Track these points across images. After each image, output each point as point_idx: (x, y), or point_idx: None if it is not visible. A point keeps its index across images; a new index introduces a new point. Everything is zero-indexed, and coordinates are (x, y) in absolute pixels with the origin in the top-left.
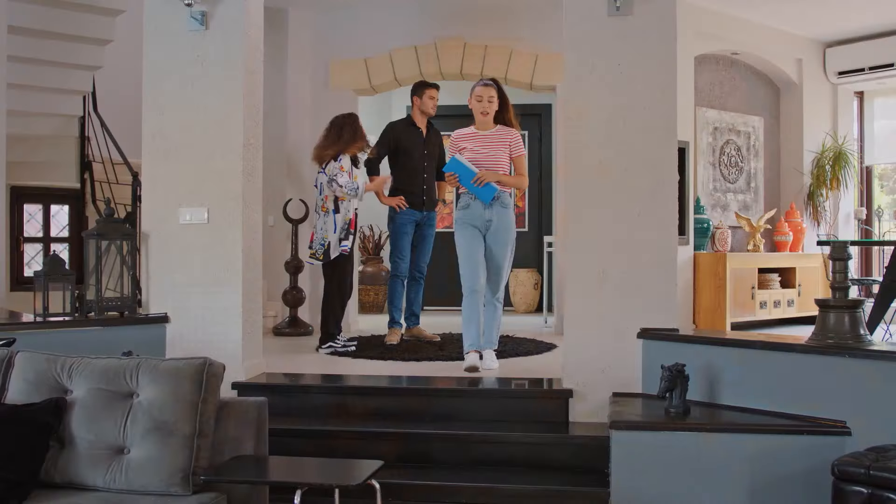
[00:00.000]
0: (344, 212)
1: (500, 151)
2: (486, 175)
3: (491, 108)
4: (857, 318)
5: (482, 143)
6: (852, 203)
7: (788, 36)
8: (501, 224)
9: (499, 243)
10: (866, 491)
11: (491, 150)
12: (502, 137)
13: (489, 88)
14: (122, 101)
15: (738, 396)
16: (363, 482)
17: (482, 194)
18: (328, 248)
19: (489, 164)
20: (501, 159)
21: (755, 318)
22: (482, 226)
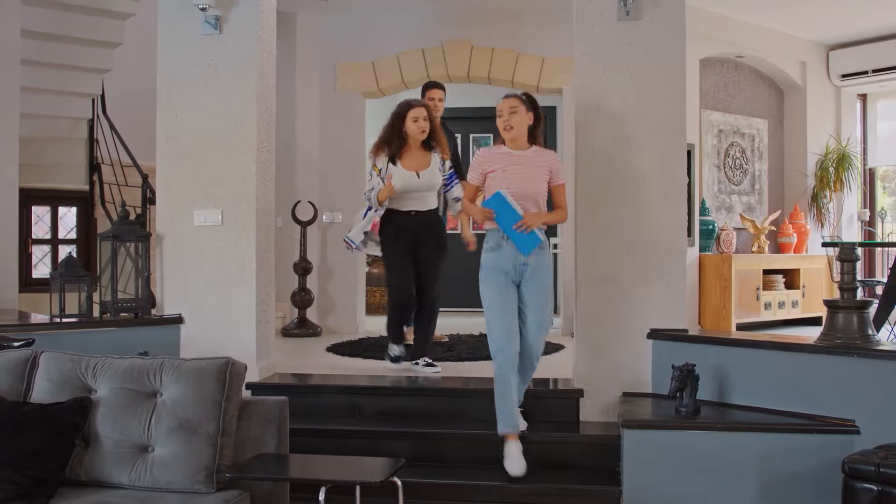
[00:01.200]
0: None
1: (540, 178)
2: (533, 219)
3: (514, 120)
4: (866, 318)
5: (518, 166)
6: (855, 205)
7: (792, 39)
8: (539, 267)
9: (538, 290)
10: (876, 488)
11: (529, 175)
12: (541, 161)
13: (508, 100)
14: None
15: (748, 396)
16: (386, 479)
17: (523, 244)
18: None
19: (528, 196)
20: (541, 189)
21: (760, 318)
22: (515, 272)
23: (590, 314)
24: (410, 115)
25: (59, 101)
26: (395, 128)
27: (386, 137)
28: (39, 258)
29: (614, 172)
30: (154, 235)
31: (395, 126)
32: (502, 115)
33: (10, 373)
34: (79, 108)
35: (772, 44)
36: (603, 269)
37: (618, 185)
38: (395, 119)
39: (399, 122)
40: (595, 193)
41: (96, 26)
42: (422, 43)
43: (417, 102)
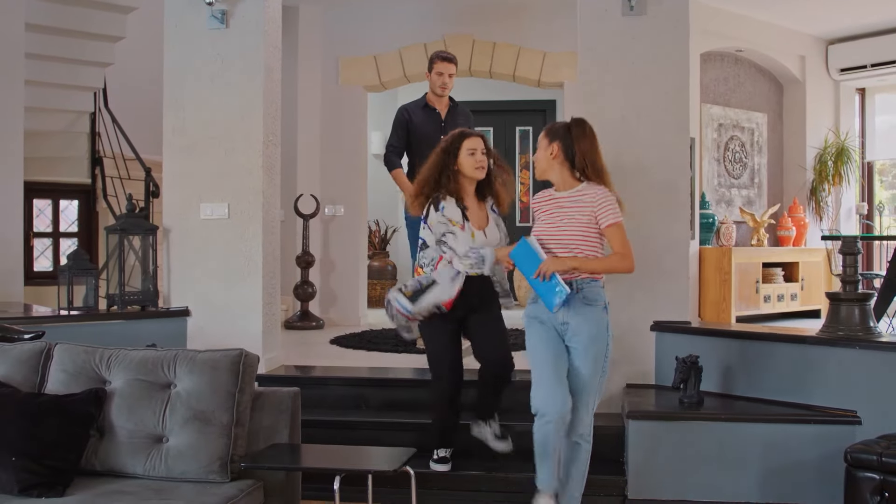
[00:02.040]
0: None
1: (578, 223)
2: (552, 264)
3: (537, 157)
4: (867, 310)
5: (558, 209)
6: (854, 198)
7: (792, 33)
8: (584, 328)
9: (579, 354)
10: (878, 477)
11: (565, 220)
12: (584, 201)
13: (541, 134)
14: (133, 98)
15: (751, 387)
16: (399, 468)
17: (545, 295)
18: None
19: (564, 243)
20: (581, 234)
21: (759, 311)
22: (556, 328)
23: None
24: (466, 146)
25: (62, 95)
26: (446, 164)
27: (434, 175)
28: (41, 251)
29: (618, 166)
30: (161, 228)
31: (445, 162)
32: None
33: (24, 365)
34: (81, 101)
35: (771, 38)
36: None
37: (621, 178)
38: (445, 152)
39: (451, 156)
40: None
41: (99, 20)
42: (423, 37)
43: (471, 132)
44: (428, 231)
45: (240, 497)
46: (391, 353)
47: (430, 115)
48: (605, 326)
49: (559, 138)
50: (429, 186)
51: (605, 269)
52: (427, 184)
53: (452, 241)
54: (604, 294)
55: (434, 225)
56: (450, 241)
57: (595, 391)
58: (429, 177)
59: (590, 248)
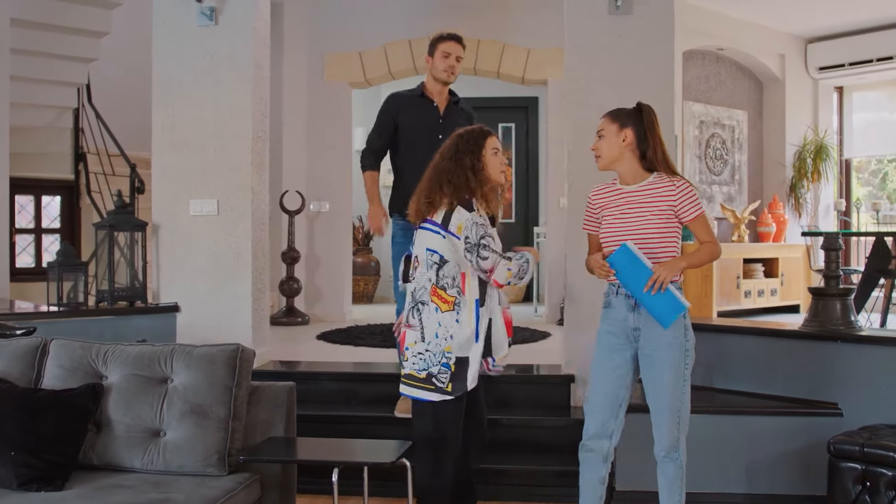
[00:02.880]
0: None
1: (657, 219)
2: (665, 270)
3: (602, 146)
4: (849, 305)
5: (625, 205)
6: (832, 195)
7: (772, 32)
8: (659, 334)
9: (654, 364)
10: (860, 467)
11: (639, 216)
12: (658, 195)
13: (601, 121)
14: (117, 94)
15: (736, 381)
16: (396, 460)
17: (662, 312)
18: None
19: (643, 245)
20: (661, 231)
21: (740, 306)
22: (627, 337)
23: (580, 301)
24: (490, 145)
25: (45, 91)
26: (472, 166)
27: (462, 179)
28: (23, 248)
29: None
30: (150, 225)
31: (472, 163)
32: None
33: (20, 360)
34: (64, 97)
35: (752, 37)
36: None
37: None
38: (466, 151)
39: (474, 155)
40: (586, 181)
41: (83, 15)
42: (409, 34)
43: (490, 130)
44: (449, 241)
45: (238, 490)
46: (378, 348)
47: (426, 109)
48: (683, 331)
49: (632, 124)
50: (453, 188)
51: (705, 261)
52: (452, 185)
53: (494, 245)
54: (678, 293)
55: (468, 227)
56: (492, 245)
57: (676, 402)
58: (453, 178)
59: (673, 244)
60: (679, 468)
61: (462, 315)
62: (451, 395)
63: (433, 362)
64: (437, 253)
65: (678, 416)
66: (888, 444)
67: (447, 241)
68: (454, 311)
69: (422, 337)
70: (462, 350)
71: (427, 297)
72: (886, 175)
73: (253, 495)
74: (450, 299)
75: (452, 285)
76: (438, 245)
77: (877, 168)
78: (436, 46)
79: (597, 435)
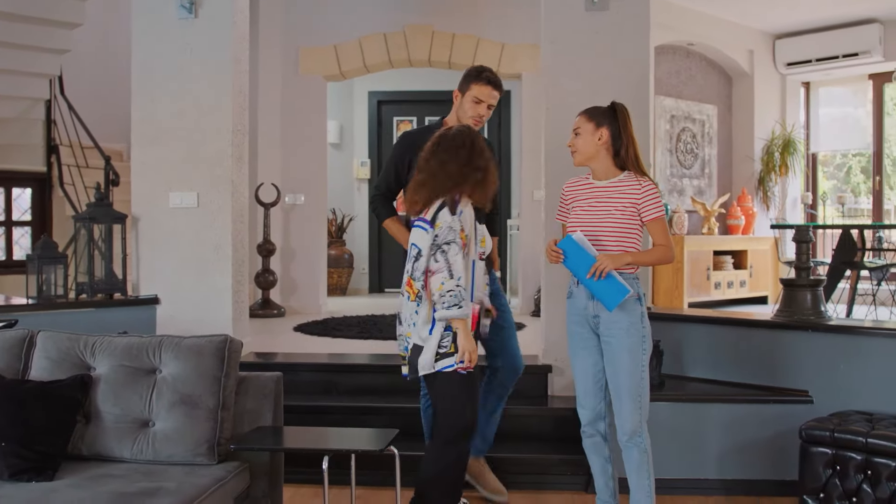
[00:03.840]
0: None
1: (620, 214)
2: (607, 261)
3: (578, 143)
4: (819, 296)
5: (593, 199)
6: (799, 188)
7: (741, 28)
8: (616, 320)
9: (611, 350)
10: (830, 452)
11: (603, 211)
12: (626, 193)
13: (578, 118)
14: (89, 85)
15: (709, 369)
16: (385, 447)
17: (604, 296)
18: (413, 355)
19: (605, 237)
20: (621, 228)
21: (710, 298)
22: (589, 324)
23: (556, 293)
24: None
25: (17, 82)
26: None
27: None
28: None
29: None
30: (129, 217)
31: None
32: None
33: (7, 352)
34: (37, 88)
35: (721, 32)
36: None
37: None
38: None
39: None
40: (563, 175)
41: (56, 6)
42: (384, 28)
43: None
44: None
45: (228, 478)
46: (356, 339)
47: None
48: (640, 317)
49: (607, 123)
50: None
51: (653, 262)
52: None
53: (451, 257)
54: (637, 285)
55: (444, 227)
56: (450, 255)
57: (636, 387)
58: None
59: (632, 240)
60: (643, 452)
61: (422, 308)
62: (407, 376)
63: (403, 346)
64: (417, 246)
65: (639, 401)
66: (857, 429)
67: (428, 235)
68: (416, 301)
69: (399, 321)
70: (416, 338)
71: (403, 287)
72: (850, 169)
73: (242, 483)
74: (415, 291)
75: (419, 278)
76: (420, 239)
77: (841, 162)
78: (469, 86)
79: (592, 420)
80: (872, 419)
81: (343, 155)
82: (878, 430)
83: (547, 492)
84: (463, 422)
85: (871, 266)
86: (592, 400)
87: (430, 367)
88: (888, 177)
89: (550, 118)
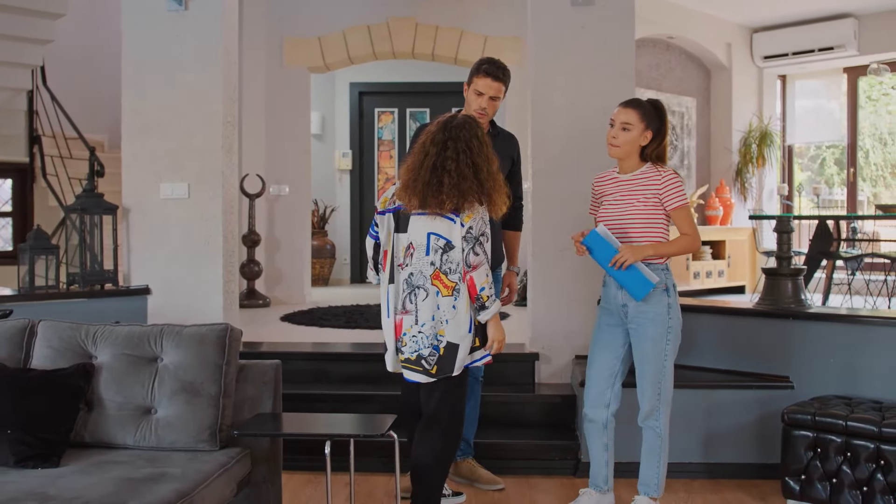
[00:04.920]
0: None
1: (643, 206)
2: (628, 253)
3: (623, 139)
4: (799, 284)
5: (618, 192)
6: (775, 180)
7: (719, 22)
8: (642, 310)
9: (638, 337)
10: (812, 435)
11: (627, 203)
12: (647, 184)
13: (625, 111)
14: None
15: (693, 356)
16: (386, 432)
17: (630, 287)
18: (448, 354)
19: (629, 228)
20: (645, 219)
21: (689, 287)
22: (618, 311)
23: (544, 283)
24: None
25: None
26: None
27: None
28: None
29: (569, 149)
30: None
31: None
32: (612, 127)
33: (8, 342)
34: (19, 78)
35: (700, 26)
36: (557, 239)
37: (572, 160)
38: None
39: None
40: (551, 169)
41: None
42: (367, 19)
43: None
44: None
45: (231, 464)
46: (343, 328)
47: None
48: (666, 308)
49: (654, 126)
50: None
51: (677, 252)
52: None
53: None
54: (665, 276)
55: (476, 219)
56: (486, 246)
57: (656, 374)
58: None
59: (658, 231)
60: (657, 437)
61: (459, 302)
62: (434, 377)
63: (424, 344)
64: (443, 238)
65: (658, 388)
66: (837, 413)
67: (456, 226)
68: (452, 296)
69: (416, 320)
70: (453, 336)
71: (426, 282)
72: (824, 161)
73: (244, 469)
74: (450, 284)
75: (455, 270)
76: (445, 230)
77: (815, 154)
78: (472, 79)
79: (594, 404)
80: (851, 403)
81: (325, 146)
82: (857, 413)
83: (537, 476)
84: (463, 413)
85: (846, 256)
86: (601, 386)
87: (464, 364)
88: (861, 168)
89: (537, 111)
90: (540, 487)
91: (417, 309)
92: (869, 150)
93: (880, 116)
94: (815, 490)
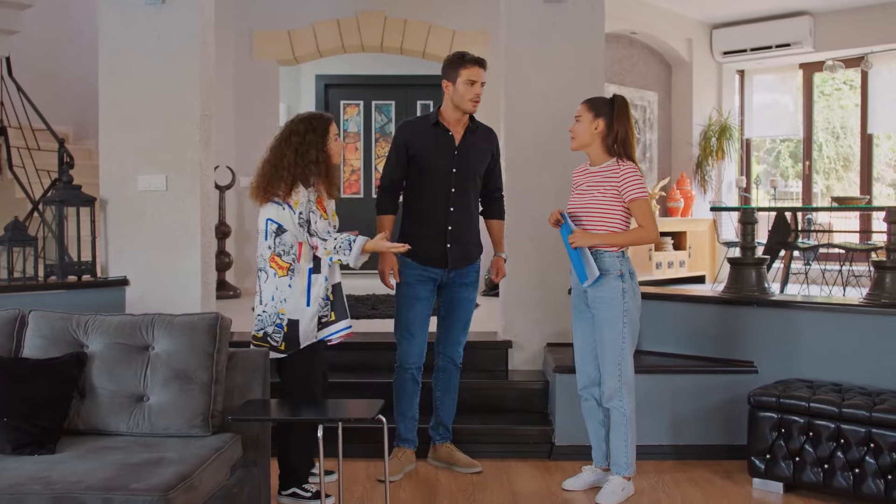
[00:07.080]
0: (326, 271)
1: (602, 197)
2: (579, 237)
3: (577, 129)
4: (763, 273)
5: (585, 184)
6: (734, 172)
7: (680, 18)
8: (598, 294)
9: (597, 321)
10: (776, 416)
11: (588, 194)
12: (608, 176)
13: (581, 106)
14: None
15: (661, 343)
16: (375, 416)
17: (576, 269)
18: (291, 330)
19: (590, 217)
20: (602, 210)
21: (652, 277)
22: (583, 296)
23: (517, 272)
24: (332, 132)
25: None
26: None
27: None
28: None
29: (540, 143)
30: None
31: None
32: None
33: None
34: None
35: (663, 22)
36: (529, 231)
37: (544, 154)
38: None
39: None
40: (523, 162)
41: None
42: (337, 13)
43: (330, 116)
44: (288, 213)
45: (225, 448)
46: None
47: (441, 139)
48: (620, 293)
49: (604, 115)
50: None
51: (628, 243)
52: (292, 175)
53: (321, 224)
54: (620, 263)
55: (303, 203)
56: (319, 223)
57: (615, 357)
58: (295, 169)
59: (616, 221)
60: (622, 416)
61: (295, 280)
62: (284, 353)
63: (268, 323)
64: (276, 222)
65: (618, 369)
66: (800, 395)
67: (286, 213)
68: (287, 276)
69: (260, 300)
70: (294, 313)
71: (265, 265)
72: (780, 154)
73: (237, 453)
74: (284, 265)
75: (288, 252)
76: (278, 215)
77: (771, 147)
78: (457, 71)
79: (586, 385)
80: (813, 386)
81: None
82: (819, 395)
83: (513, 460)
84: (316, 394)
85: (803, 247)
86: (587, 366)
87: (312, 336)
88: (815, 161)
89: (509, 106)
90: (516, 470)
91: (261, 290)
92: (822, 144)
93: (833, 111)
94: (779, 468)
